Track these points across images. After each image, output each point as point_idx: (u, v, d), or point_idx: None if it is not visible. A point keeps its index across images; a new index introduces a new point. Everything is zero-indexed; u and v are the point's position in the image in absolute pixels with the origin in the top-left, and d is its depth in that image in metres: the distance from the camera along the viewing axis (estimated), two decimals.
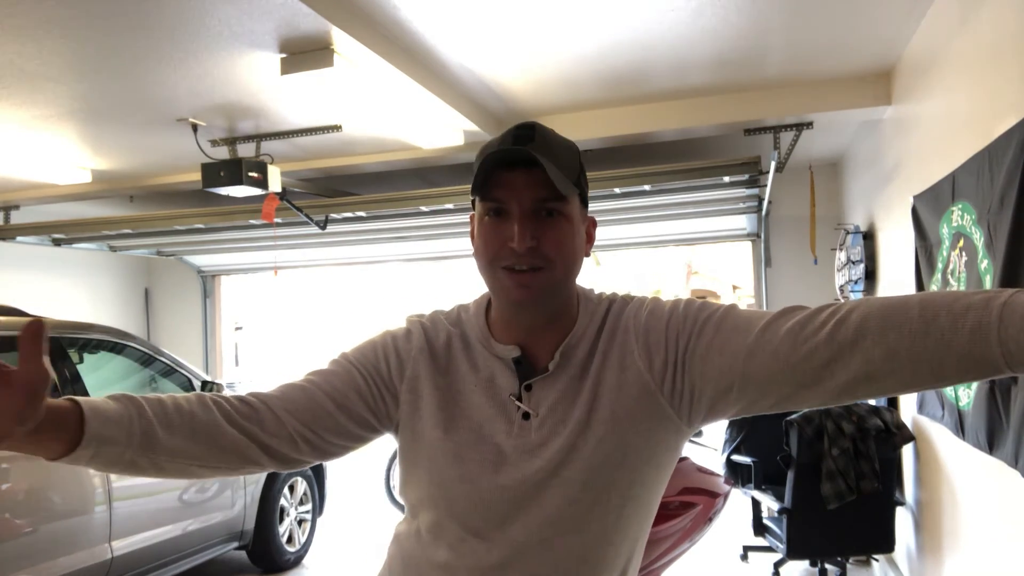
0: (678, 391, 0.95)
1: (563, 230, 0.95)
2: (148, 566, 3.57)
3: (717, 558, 4.42)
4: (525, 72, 3.53)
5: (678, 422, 0.97)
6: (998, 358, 0.72)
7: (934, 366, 0.76)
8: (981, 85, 2.34)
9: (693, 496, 2.91)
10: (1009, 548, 2.23)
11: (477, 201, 0.98)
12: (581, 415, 0.96)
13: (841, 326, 0.82)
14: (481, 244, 0.97)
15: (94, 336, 3.70)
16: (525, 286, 0.94)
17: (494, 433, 0.98)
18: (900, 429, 3.45)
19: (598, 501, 0.97)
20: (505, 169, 0.93)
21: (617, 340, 0.99)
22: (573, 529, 0.96)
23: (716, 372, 0.91)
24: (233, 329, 8.21)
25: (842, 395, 0.84)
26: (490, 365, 1.02)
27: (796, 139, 4.07)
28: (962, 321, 0.73)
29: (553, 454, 0.96)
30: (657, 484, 1.03)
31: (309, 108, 3.77)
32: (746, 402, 0.91)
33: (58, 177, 4.98)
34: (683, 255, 14.95)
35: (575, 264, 0.99)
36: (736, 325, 0.92)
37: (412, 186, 5.36)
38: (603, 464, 0.96)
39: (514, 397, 0.99)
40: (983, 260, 2.23)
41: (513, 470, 0.97)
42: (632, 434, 0.96)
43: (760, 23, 3.02)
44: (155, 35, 2.80)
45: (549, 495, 0.96)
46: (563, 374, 0.99)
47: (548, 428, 0.97)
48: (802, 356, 0.84)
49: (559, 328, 1.00)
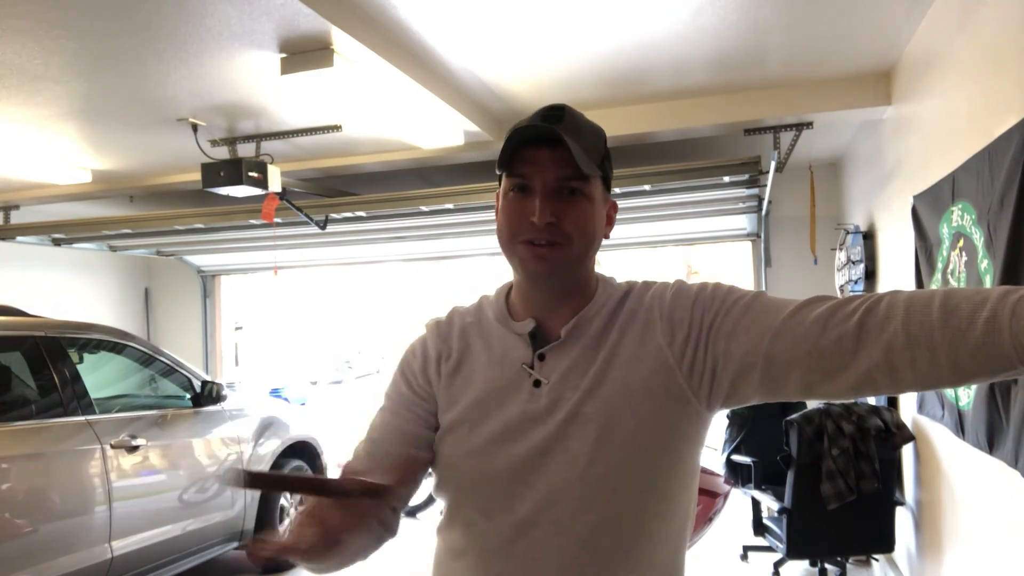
0: (698, 370, 0.95)
1: (584, 209, 0.97)
2: (148, 566, 3.56)
3: (717, 558, 4.42)
4: (525, 72, 3.53)
5: (696, 404, 0.96)
6: (1010, 351, 0.72)
7: (951, 357, 0.76)
8: (981, 85, 2.34)
9: None
10: (1009, 548, 2.23)
11: (503, 177, 1.00)
12: (591, 383, 0.96)
13: (870, 314, 0.83)
14: (503, 219, 0.99)
15: (94, 336, 3.71)
16: (542, 259, 0.96)
17: (504, 404, 0.99)
18: (900, 429, 3.45)
19: (606, 480, 0.94)
20: (531, 146, 0.95)
21: (639, 317, 1.00)
22: (581, 509, 0.94)
23: (741, 351, 0.92)
24: (233, 329, 8.22)
25: (862, 385, 0.84)
26: (506, 342, 1.04)
27: (796, 139, 4.07)
28: (980, 312, 0.74)
29: (559, 421, 0.96)
30: (677, 477, 0.99)
31: (309, 108, 3.77)
32: (768, 386, 0.91)
33: (58, 177, 4.99)
34: (683, 255, 14.93)
35: (593, 244, 1.00)
36: (766, 307, 0.92)
37: (412, 186, 5.36)
38: (610, 436, 0.94)
39: (527, 366, 1.00)
40: (983, 260, 2.23)
41: (520, 438, 0.97)
42: (645, 409, 0.95)
43: (760, 23, 3.02)
44: (155, 35, 2.80)
45: (554, 467, 0.95)
46: (576, 343, 1.00)
47: (557, 393, 0.97)
48: (831, 340, 0.84)
49: (576, 303, 1.02)
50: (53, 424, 3.22)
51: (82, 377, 3.43)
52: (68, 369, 3.38)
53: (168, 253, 7.39)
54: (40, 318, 3.52)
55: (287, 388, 9.62)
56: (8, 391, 3.22)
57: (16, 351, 3.27)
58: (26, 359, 3.28)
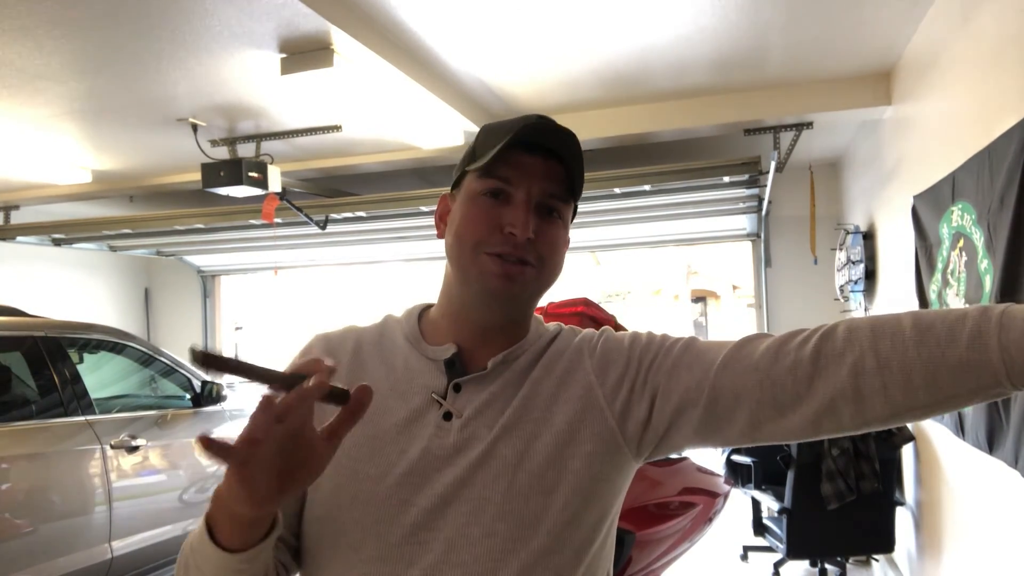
0: (633, 411, 0.85)
1: (559, 233, 0.88)
2: (148, 566, 3.57)
3: (717, 558, 4.42)
4: (525, 72, 3.53)
5: (626, 450, 0.86)
6: (998, 366, 0.68)
7: (928, 377, 0.71)
8: (981, 85, 2.34)
9: (693, 496, 2.91)
10: (1009, 548, 2.23)
11: (473, 176, 0.87)
12: (508, 421, 0.84)
13: (826, 340, 0.76)
14: (466, 224, 0.86)
15: (94, 336, 3.71)
16: (509, 277, 0.84)
17: (400, 440, 0.85)
18: (900, 429, 3.46)
19: (516, 535, 0.80)
20: (522, 151, 0.85)
21: (566, 356, 0.90)
22: (484, 571, 0.79)
23: (682, 387, 0.83)
24: (233, 329, 8.21)
25: (822, 420, 0.76)
26: (413, 367, 0.90)
27: (796, 139, 4.07)
28: (959, 328, 0.70)
29: (469, 463, 0.82)
30: (596, 533, 0.86)
31: (309, 108, 3.77)
32: (708, 425, 0.82)
33: (58, 177, 4.99)
34: (683, 255, 14.94)
35: (557, 273, 0.90)
36: (707, 347, 0.85)
37: (412, 186, 5.36)
38: (525, 483, 0.82)
39: (437, 395, 0.87)
40: (983, 260, 2.23)
41: (423, 484, 0.82)
42: (567, 455, 0.83)
43: (760, 23, 3.02)
44: (155, 35, 2.80)
45: (457, 518, 0.81)
46: (498, 378, 0.88)
47: (470, 431, 0.84)
48: (785, 369, 0.77)
49: (510, 337, 0.90)
50: (53, 424, 3.22)
51: (82, 377, 3.43)
52: (68, 369, 3.38)
53: (168, 253, 7.39)
54: (40, 318, 3.52)
55: None
56: (8, 391, 3.22)
57: (16, 351, 3.27)
58: (26, 359, 3.28)
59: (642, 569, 2.66)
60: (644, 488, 2.75)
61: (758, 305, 6.09)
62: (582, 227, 5.89)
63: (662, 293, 16.19)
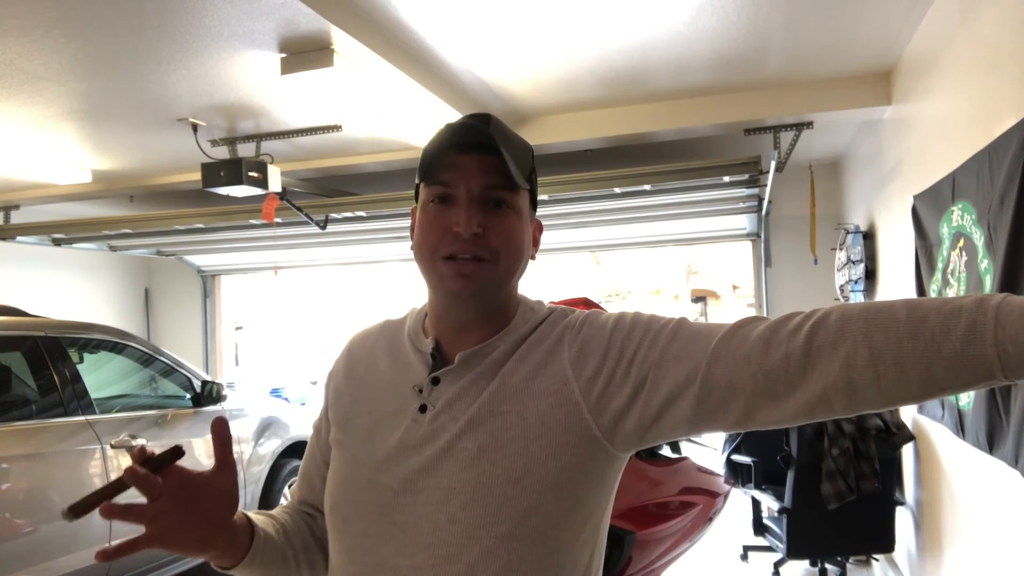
0: (611, 405, 0.85)
1: (511, 223, 0.89)
2: (148, 566, 3.57)
3: (717, 558, 4.42)
4: (525, 72, 3.53)
5: (604, 443, 0.86)
6: (992, 360, 0.67)
7: (922, 370, 0.70)
8: (981, 85, 2.34)
9: (693, 496, 2.91)
10: (1009, 548, 2.23)
11: (422, 188, 0.93)
12: (476, 414, 0.87)
13: (819, 329, 0.75)
14: (422, 233, 0.90)
15: (94, 336, 3.70)
16: (465, 276, 0.87)
17: (385, 429, 0.91)
18: (900, 429, 3.46)
19: (480, 525, 0.83)
20: (456, 153, 0.88)
21: (543, 346, 0.90)
22: (448, 558, 0.83)
23: (671, 381, 0.82)
24: (233, 329, 8.22)
25: (815, 409, 0.76)
26: (409, 360, 0.95)
27: (796, 139, 4.07)
28: (954, 322, 0.69)
29: (432, 453, 0.86)
30: (571, 528, 0.86)
31: (309, 108, 3.77)
32: (701, 416, 0.82)
33: (58, 177, 4.98)
34: (683, 255, 14.95)
35: (519, 262, 0.92)
36: (694, 333, 0.84)
37: (412, 186, 5.32)
38: (491, 474, 0.84)
39: (417, 389, 0.92)
40: (983, 260, 2.23)
41: (393, 468, 0.88)
42: (537, 447, 0.84)
43: (760, 23, 3.02)
44: (155, 35, 2.80)
45: (422, 507, 0.85)
46: (470, 370, 0.90)
47: (439, 423, 0.88)
48: (777, 360, 0.76)
49: (490, 328, 0.92)
50: (53, 424, 3.22)
51: (82, 377, 3.43)
52: (68, 369, 3.38)
53: (168, 253, 7.39)
54: (40, 318, 3.52)
55: (287, 388, 9.62)
56: (8, 391, 3.22)
57: (16, 351, 3.27)
58: (26, 359, 3.28)
59: (642, 569, 2.66)
60: (644, 488, 2.75)
61: (758, 305, 6.09)
62: (582, 227, 5.90)
63: (662, 293, 16.20)
